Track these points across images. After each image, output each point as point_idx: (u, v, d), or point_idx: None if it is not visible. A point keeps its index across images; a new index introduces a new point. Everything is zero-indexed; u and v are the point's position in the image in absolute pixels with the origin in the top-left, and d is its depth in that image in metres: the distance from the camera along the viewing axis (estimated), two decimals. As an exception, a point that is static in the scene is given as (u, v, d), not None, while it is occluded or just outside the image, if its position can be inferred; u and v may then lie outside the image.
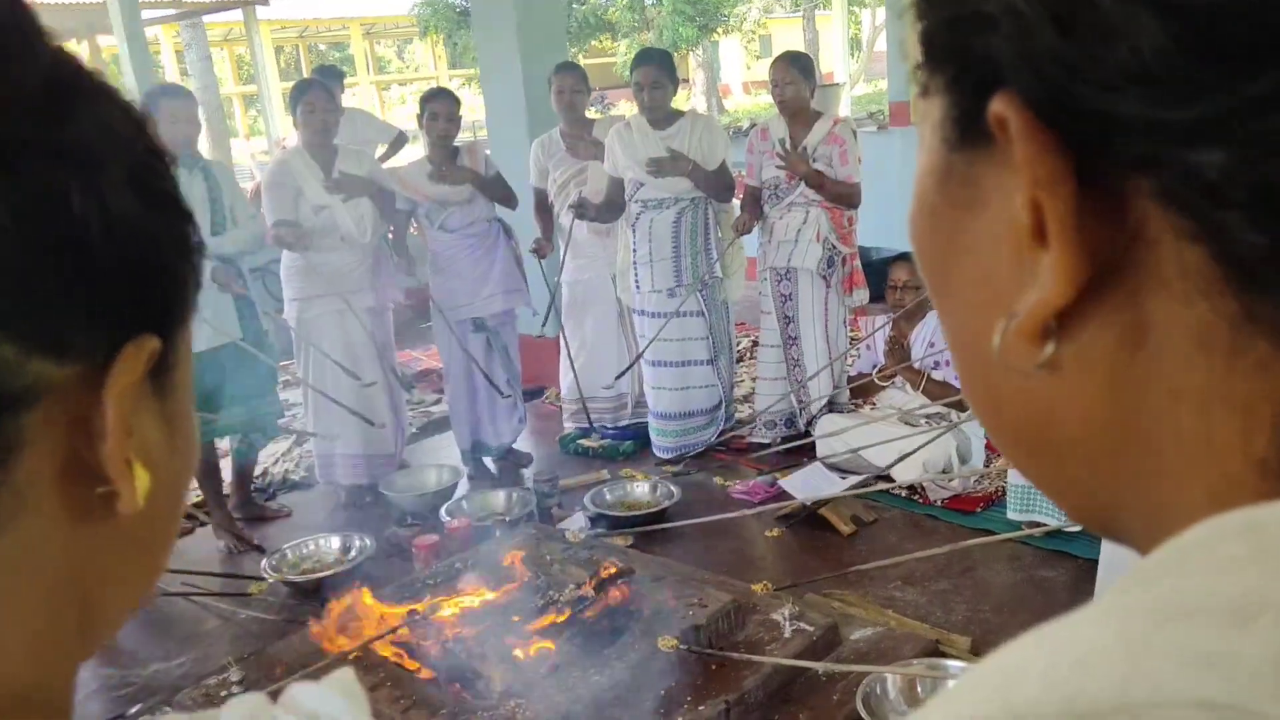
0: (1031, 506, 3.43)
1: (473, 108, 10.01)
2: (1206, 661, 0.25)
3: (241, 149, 16.56)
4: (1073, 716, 0.26)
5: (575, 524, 3.71)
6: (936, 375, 3.93)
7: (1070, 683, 0.26)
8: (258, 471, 4.45)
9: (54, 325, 0.32)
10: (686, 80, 17.54)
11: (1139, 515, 0.34)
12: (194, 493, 4.34)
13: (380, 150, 5.97)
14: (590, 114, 4.65)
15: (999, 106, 0.30)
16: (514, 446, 4.62)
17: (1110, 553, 2.69)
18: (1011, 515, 3.48)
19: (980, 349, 0.35)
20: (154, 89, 3.90)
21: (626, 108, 16.11)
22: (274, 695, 0.43)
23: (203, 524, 4.15)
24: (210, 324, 3.73)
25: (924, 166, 0.36)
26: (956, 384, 3.87)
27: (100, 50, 12.33)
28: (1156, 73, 0.27)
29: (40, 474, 0.34)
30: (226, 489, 4.15)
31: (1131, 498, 0.33)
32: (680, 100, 4.43)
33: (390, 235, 4.33)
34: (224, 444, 4.22)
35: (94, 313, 0.33)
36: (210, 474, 4.00)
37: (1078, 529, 3.37)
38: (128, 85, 7.89)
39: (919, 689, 2.57)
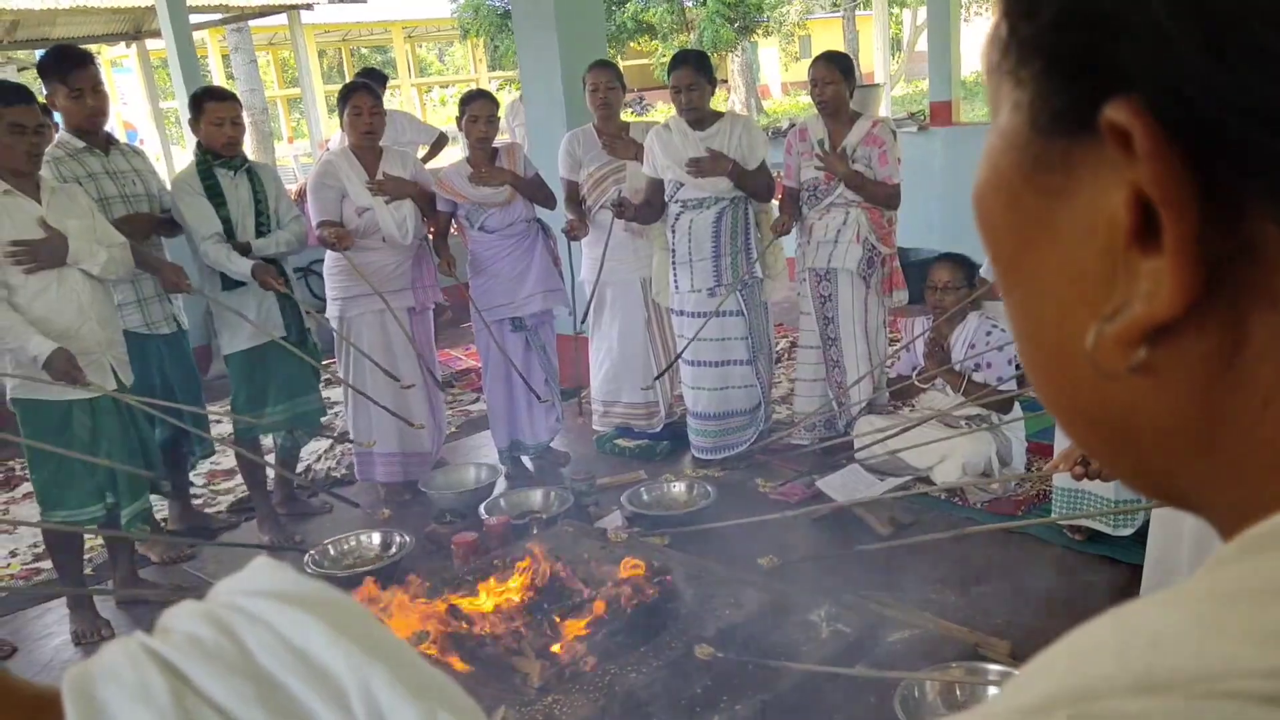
0: (1078, 510, 3.38)
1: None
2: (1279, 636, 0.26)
3: (285, 151, 16.78)
4: (1148, 689, 0.26)
5: (613, 523, 3.72)
6: (977, 377, 3.89)
7: (1144, 659, 0.27)
8: (300, 468, 4.51)
9: None
10: (725, 81, 17.50)
11: (1221, 507, 0.34)
12: (239, 488, 4.42)
13: (422, 152, 6.03)
14: (627, 116, 4.64)
15: (1120, 115, 0.30)
16: (551, 445, 4.65)
17: (1158, 555, 2.66)
18: (1057, 520, 3.44)
19: (1057, 341, 0.35)
20: (199, 91, 3.96)
21: (665, 109, 16.11)
22: None
23: (248, 519, 4.22)
24: (254, 323, 3.79)
25: (1001, 145, 0.36)
26: (998, 386, 3.84)
27: (149, 54, 12.54)
28: None
29: None
30: (270, 485, 4.22)
31: (1211, 492, 0.34)
32: (719, 101, 4.41)
33: (430, 236, 4.37)
34: (267, 441, 4.28)
35: None
36: (254, 470, 4.06)
37: (1125, 533, 3.33)
38: (175, 87, 8.04)
39: (958, 692, 2.55)
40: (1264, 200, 0.29)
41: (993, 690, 2.50)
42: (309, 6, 13.07)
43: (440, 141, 6.65)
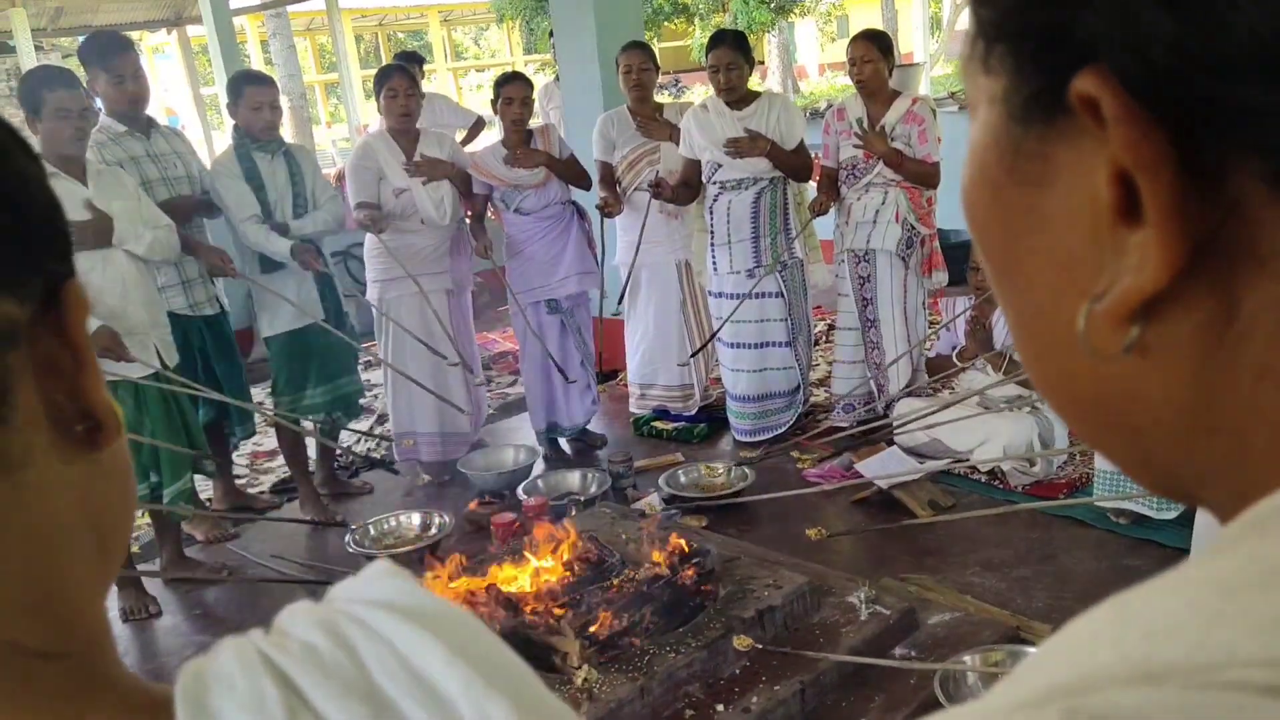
0: (1122, 492, 3.33)
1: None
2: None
3: (323, 136, 16.90)
4: (1146, 680, 0.26)
5: (650, 505, 3.72)
6: (1019, 357, 3.84)
7: (1142, 648, 0.27)
8: (339, 450, 4.56)
9: (9, 267, 0.36)
10: (762, 63, 17.37)
11: (1222, 492, 0.33)
12: (281, 469, 4.47)
13: (460, 135, 6.04)
14: (662, 98, 4.62)
15: (1087, 85, 0.30)
16: (588, 428, 4.66)
17: (1206, 538, 2.61)
18: (1099, 502, 3.39)
19: (1051, 329, 0.35)
20: (238, 75, 4.00)
21: (700, 91, 16.03)
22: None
23: (290, 499, 4.28)
24: (294, 302, 3.83)
25: (983, 141, 0.35)
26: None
27: (189, 40, 12.67)
28: (1278, 55, 0.27)
29: (35, 414, 0.37)
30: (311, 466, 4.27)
31: (1214, 476, 0.33)
32: (755, 82, 4.37)
33: (467, 218, 4.38)
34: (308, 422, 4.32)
35: (34, 257, 0.38)
36: (297, 450, 4.11)
37: (1169, 516, 3.28)
38: (216, 73, 8.11)
39: (1000, 678, 2.52)
40: (1242, 155, 0.28)
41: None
42: (346, -9, 13.11)
43: (478, 125, 6.66)
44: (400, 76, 4.09)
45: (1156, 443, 0.34)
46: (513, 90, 4.18)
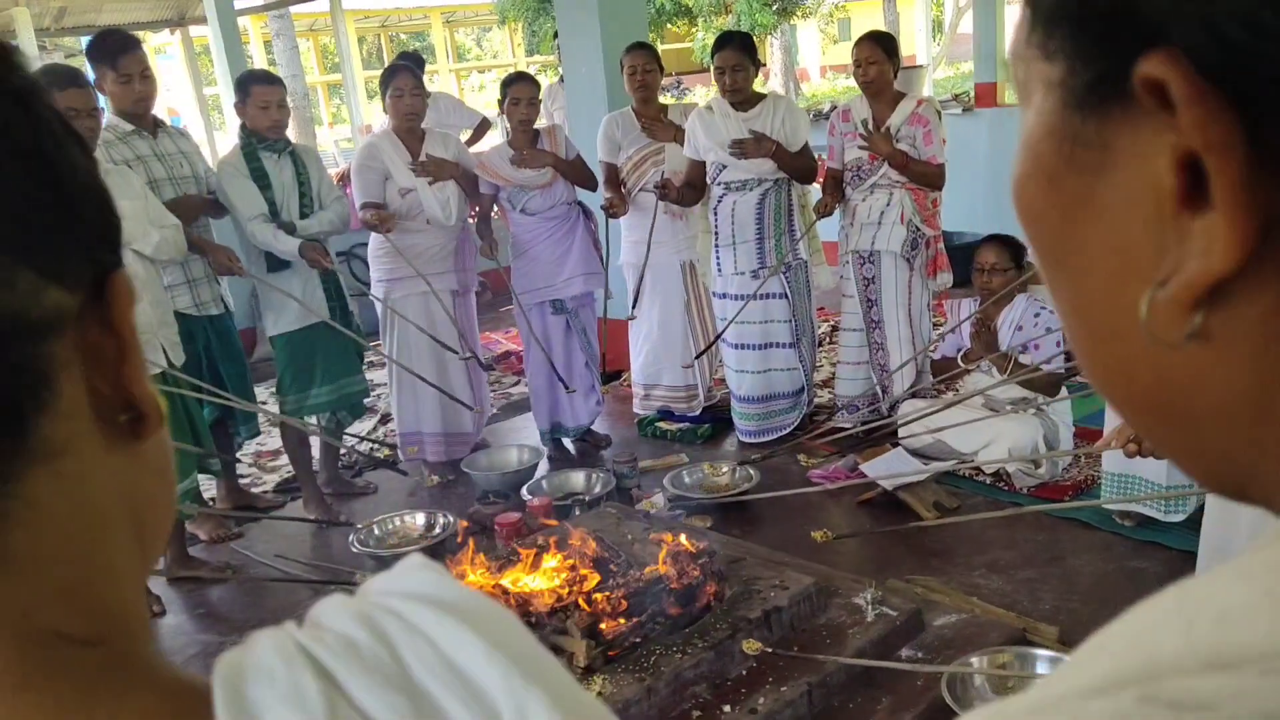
0: (1129, 495, 3.33)
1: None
2: None
3: (325, 136, 16.91)
4: (1218, 667, 0.26)
5: (655, 505, 3.72)
6: (1024, 359, 3.84)
7: (1213, 636, 0.27)
8: (343, 450, 4.56)
9: (60, 256, 0.37)
10: (764, 65, 17.37)
11: (1277, 484, 0.33)
12: (285, 468, 4.47)
13: (465, 136, 6.05)
14: (665, 99, 4.63)
15: (1154, 68, 0.29)
16: (592, 428, 4.65)
17: (1215, 541, 2.61)
18: (1106, 504, 3.39)
19: (1109, 318, 0.34)
20: (245, 75, 3.99)
21: (702, 93, 16.03)
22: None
23: (294, 498, 4.28)
24: (301, 301, 3.83)
25: (1039, 130, 0.35)
26: (1046, 367, 3.78)
27: (192, 40, 12.67)
28: None
29: (77, 402, 0.37)
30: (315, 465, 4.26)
31: (1272, 464, 0.33)
32: (757, 84, 4.38)
33: (472, 218, 4.38)
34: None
35: (84, 247, 0.38)
36: (301, 450, 4.10)
37: (1177, 519, 3.28)
38: (219, 73, 8.11)
39: (1007, 680, 2.52)
40: None
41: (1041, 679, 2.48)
42: (349, -8, 13.13)
43: (483, 126, 6.67)
44: (406, 76, 4.09)
45: (1214, 432, 0.34)
46: (519, 90, 4.19)
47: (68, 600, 0.37)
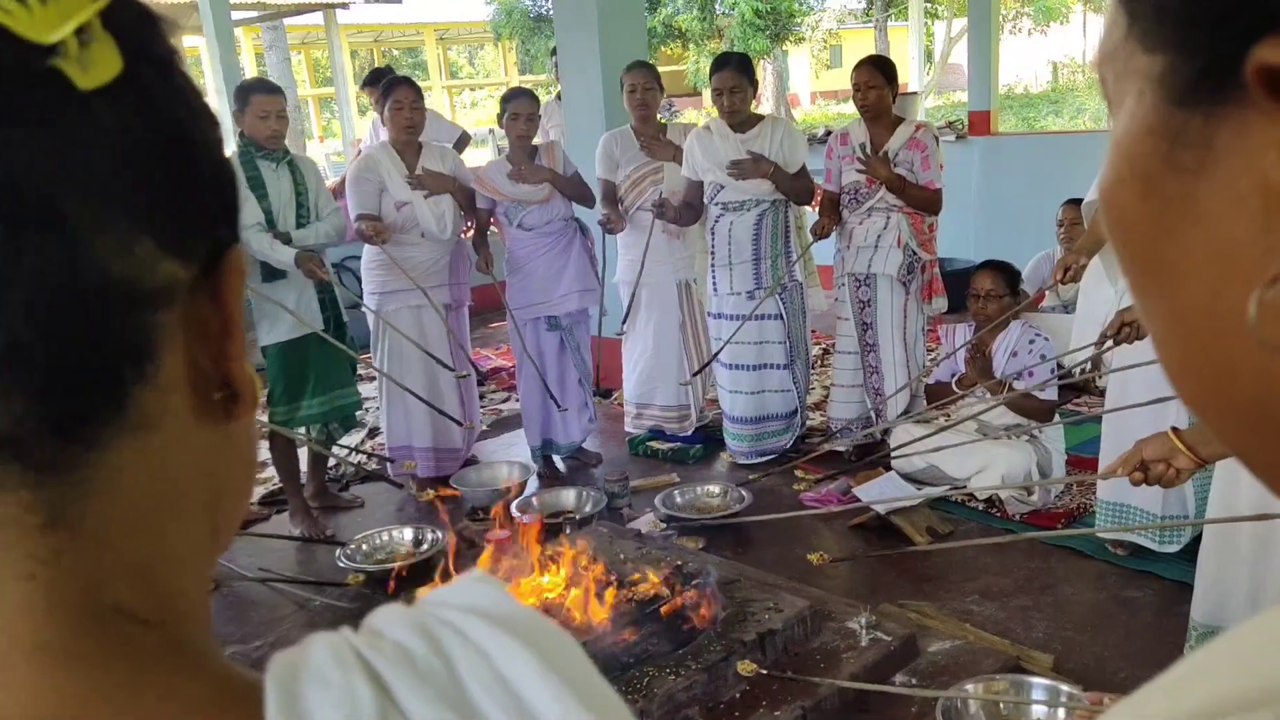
0: (1123, 524, 3.33)
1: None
2: None
3: (316, 150, 16.89)
4: None
5: (646, 525, 3.69)
6: (1019, 385, 3.84)
7: None
8: (331, 463, 4.52)
9: (180, 228, 0.37)
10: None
11: None
12: (272, 480, 4.42)
13: (447, 148, 6.03)
14: (659, 119, 4.64)
15: (1270, 53, 0.28)
16: (583, 446, 4.63)
17: (1214, 574, 2.60)
18: (1101, 533, 3.38)
19: (1210, 325, 0.33)
20: (245, 83, 3.97)
21: (694, 116, 16.10)
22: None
23: (280, 511, 4.22)
24: (294, 312, 3.79)
25: (1135, 131, 0.34)
26: (1038, 395, 3.78)
27: (185, 50, 12.66)
28: None
29: (176, 376, 0.37)
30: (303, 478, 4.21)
31: None
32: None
33: (465, 234, 4.36)
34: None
35: (205, 221, 0.38)
36: (288, 462, 4.06)
37: (1172, 549, 3.27)
38: (210, 84, 8.09)
39: (1001, 706, 2.50)
40: None
41: (1037, 707, 2.45)
42: (345, 5, 13.16)
43: (463, 140, 6.65)
44: (407, 89, 4.08)
45: None
46: (519, 106, 4.18)
47: (134, 577, 0.37)
